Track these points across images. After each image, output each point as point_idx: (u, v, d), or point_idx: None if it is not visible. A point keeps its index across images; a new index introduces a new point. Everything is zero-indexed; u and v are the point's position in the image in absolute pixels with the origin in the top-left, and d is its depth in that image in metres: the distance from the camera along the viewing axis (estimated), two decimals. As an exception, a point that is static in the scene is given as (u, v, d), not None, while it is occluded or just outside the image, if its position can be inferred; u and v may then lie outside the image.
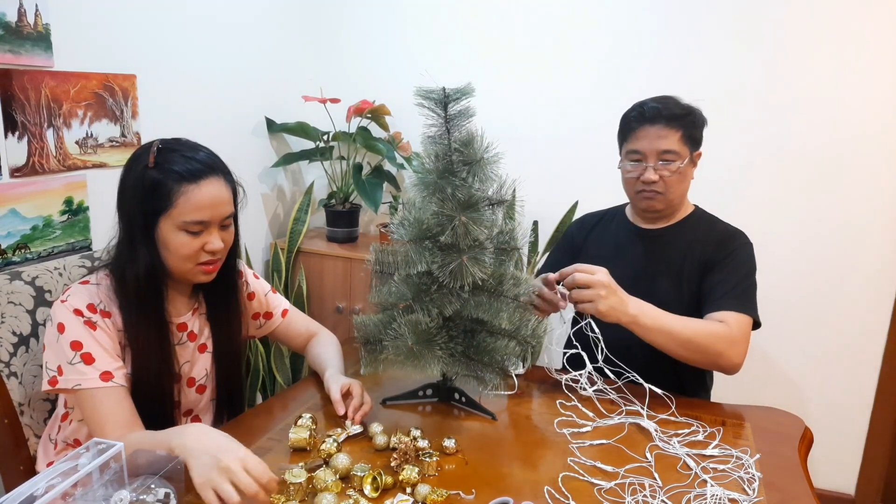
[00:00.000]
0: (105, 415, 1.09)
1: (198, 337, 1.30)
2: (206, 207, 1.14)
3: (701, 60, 2.19)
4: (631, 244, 1.63)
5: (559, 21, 2.33)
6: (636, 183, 1.54)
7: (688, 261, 1.53)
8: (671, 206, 1.55)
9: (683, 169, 1.50)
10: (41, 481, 0.82)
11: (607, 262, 1.40)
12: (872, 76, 2.04)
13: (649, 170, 1.50)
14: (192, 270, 1.18)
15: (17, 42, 1.51)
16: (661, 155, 1.49)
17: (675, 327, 1.34)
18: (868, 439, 2.22)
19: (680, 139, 1.49)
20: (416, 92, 1.12)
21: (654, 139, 1.49)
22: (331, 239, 2.50)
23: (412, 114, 1.17)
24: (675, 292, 1.52)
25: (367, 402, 1.25)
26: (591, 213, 1.80)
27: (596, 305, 1.30)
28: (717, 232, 1.56)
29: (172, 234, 1.14)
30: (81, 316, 1.12)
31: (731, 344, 1.36)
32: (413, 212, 1.16)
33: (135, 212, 1.14)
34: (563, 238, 1.83)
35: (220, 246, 1.18)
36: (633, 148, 1.52)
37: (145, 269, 1.15)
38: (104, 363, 1.11)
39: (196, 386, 1.30)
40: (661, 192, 1.52)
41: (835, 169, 2.12)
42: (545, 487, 1.04)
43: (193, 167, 1.13)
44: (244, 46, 2.28)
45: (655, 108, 1.50)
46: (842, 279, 2.16)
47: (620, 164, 1.59)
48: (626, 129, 1.57)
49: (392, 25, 2.56)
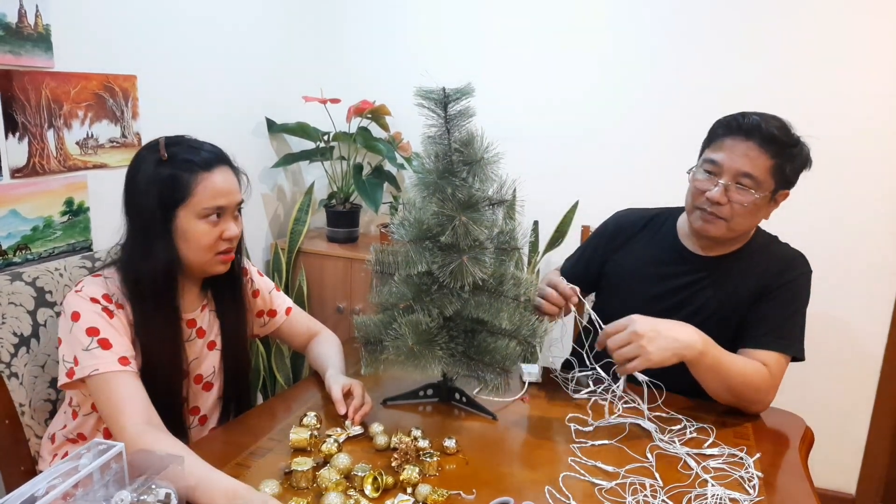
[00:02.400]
0: (123, 399, 1.08)
1: (206, 333, 1.31)
2: (223, 193, 1.18)
3: (702, 60, 2.19)
4: (676, 268, 1.44)
5: (560, 21, 2.33)
6: (699, 197, 1.34)
7: (738, 295, 1.37)
8: (729, 238, 1.37)
9: (759, 203, 1.30)
10: (42, 482, 0.82)
11: (644, 283, 1.32)
12: (872, 76, 2.03)
13: (719, 188, 1.29)
14: (211, 261, 1.21)
15: (18, 43, 1.51)
16: (739, 177, 1.29)
17: (732, 372, 1.23)
18: (868, 439, 2.22)
19: (769, 168, 1.28)
20: (416, 92, 1.12)
21: (739, 156, 1.29)
22: (331, 239, 2.50)
23: (412, 114, 1.17)
24: (718, 329, 1.33)
25: (368, 402, 1.25)
26: (634, 210, 1.61)
27: (646, 358, 1.15)
28: (775, 259, 1.39)
29: (192, 224, 1.17)
30: (98, 304, 1.14)
31: (767, 392, 1.28)
32: (413, 212, 1.17)
33: (151, 207, 1.16)
34: (597, 235, 1.63)
35: (237, 231, 1.22)
36: (712, 157, 1.32)
37: (164, 264, 1.16)
38: (122, 348, 1.12)
39: (203, 383, 1.31)
40: (723, 219, 1.32)
41: (835, 169, 2.12)
42: (546, 487, 1.04)
43: (204, 157, 1.18)
44: (244, 47, 2.28)
45: (755, 123, 1.29)
46: (842, 279, 2.16)
47: (692, 169, 1.39)
48: (713, 135, 1.37)
49: (392, 26, 2.56)
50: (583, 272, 1.60)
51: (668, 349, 1.16)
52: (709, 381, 1.27)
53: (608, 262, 1.58)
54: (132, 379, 1.11)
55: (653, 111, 2.28)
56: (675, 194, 1.67)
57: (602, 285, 1.60)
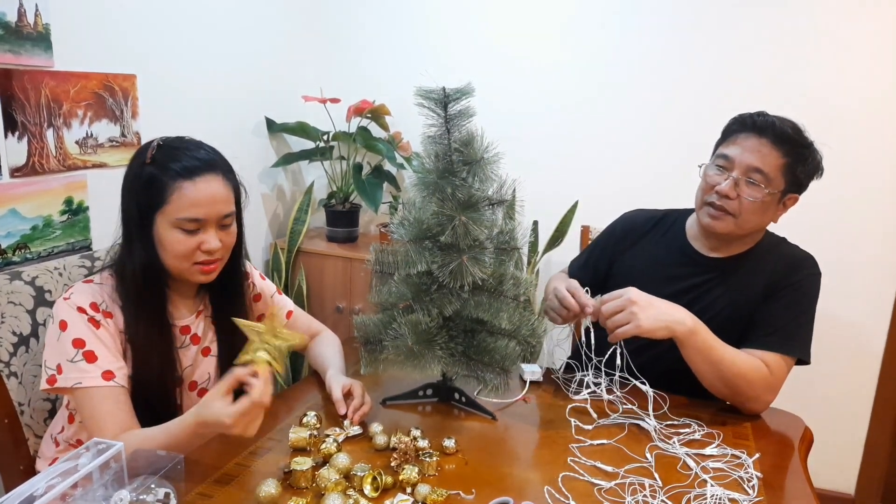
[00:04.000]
0: (104, 414, 1.08)
1: (201, 340, 1.29)
2: (201, 205, 1.12)
3: (703, 61, 2.19)
4: (684, 269, 1.44)
5: (560, 21, 2.33)
6: (709, 191, 1.35)
7: (747, 295, 1.37)
8: (736, 235, 1.37)
9: (767, 200, 1.30)
10: (41, 481, 0.82)
11: (653, 284, 1.29)
12: (873, 76, 2.04)
13: (729, 180, 1.30)
14: (189, 269, 1.16)
15: (17, 42, 1.51)
16: (749, 172, 1.30)
17: (724, 359, 1.23)
18: (868, 439, 2.22)
19: (780, 166, 1.30)
20: (416, 92, 1.12)
21: (751, 151, 1.30)
22: (331, 239, 2.50)
23: (412, 114, 1.17)
24: (726, 329, 1.34)
25: (367, 402, 1.25)
26: (643, 211, 1.62)
27: (636, 324, 1.17)
28: (783, 259, 1.40)
29: (167, 231, 1.12)
30: (85, 314, 1.12)
31: (766, 390, 1.27)
32: (413, 212, 1.16)
33: (131, 208, 1.14)
34: (606, 235, 1.63)
35: (217, 246, 1.15)
36: (724, 152, 1.34)
37: (142, 266, 1.14)
38: (106, 362, 1.11)
39: (198, 390, 1.30)
40: (731, 214, 1.32)
41: (835, 169, 2.11)
42: (545, 487, 1.04)
43: (190, 164, 1.12)
44: (244, 46, 2.28)
45: (769, 121, 1.32)
46: (842, 279, 2.16)
47: (704, 164, 1.40)
48: (727, 132, 1.39)
49: (392, 25, 2.56)
50: (591, 274, 1.60)
51: (659, 320, 1.18)
52: (699, 365, 1.26)
53: (616, 262, 1.57)
54: (115, 393, 1.10)
55: (653, 112, 2.28)
56: (674, 194, 1.67)
57: (609, 286, 1.59)
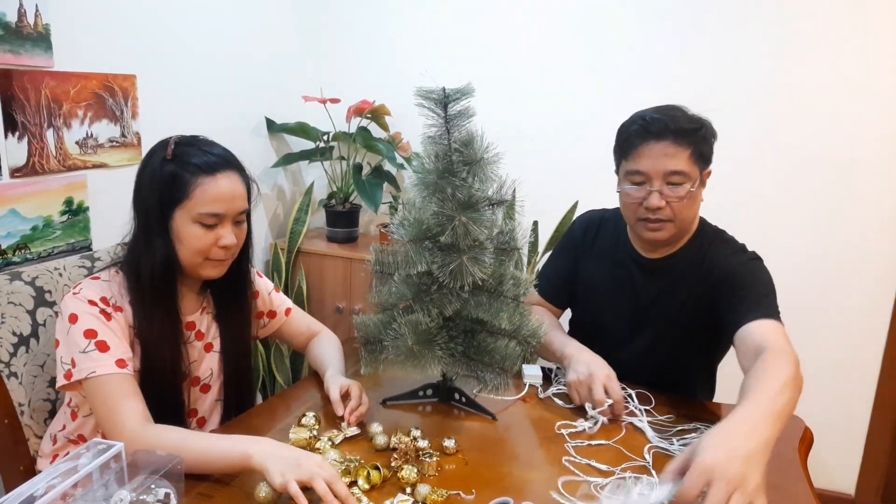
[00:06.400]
0: (121, 399, 1.08)
1: (204, 336, 1.31)
2: (222, 200, 1.16)
3: (704, 62, 2.19)
4: (632, 274, 1.46)
5: (560, 20, 2.33)
6: (638, 209, 1.34)
7: (700, 286, 1.37)
8: (680, 234, 1.38)
9: (693, 191, 1.31)
10: (41, 481, 0.82)
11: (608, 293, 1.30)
12: (874, 79, 2.03)
13: (654, 195, 1.30)
14: (202, 264, 1.20)
15: (17, 42, 1.51)
16: (668, 177, 1.30)
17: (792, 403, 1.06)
18: (868, 439, 2.22)
19: (689, 158, 1.30)
20: (416, 92, 1.12)
21: (660, 158, 1.29)
22: (331, 239, 2.50)
23: (412, 114, 1.17)
24: (690, 322, 1.37)
25: (365, 403, 1.25)
26: (592, 212, 1.63)
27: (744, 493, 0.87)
28: (727, 246, 1.40)
29: (187, 226, 1.16)
30: (96, 306, 1.13)
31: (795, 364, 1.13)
32: (413, 212, 1.16)
33: (152, 204, 1.16)
34: (566, 241, 1.64)
35: (234, 241, 1.20)
36: (635, 168, 1.33)
37: (161, 261, 1.16)
38: (118, 351, 1.12)
39: (200, 385, 1.31)
40: (668, 220, 1.33)
41: (835, 171, 2.12)
42: (545, 487, 1.04)
43: (210, 160, 1.17)
44: (244, 46, 2.28)
45: (661, 122, 1.30)
46: (842, 279, 2.16)
47: (619, 186, 1.39)
48: (627, 146, 1.35)
49: (392, 26, 2.56)
50: (561, 287, 1.60)
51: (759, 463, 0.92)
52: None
53: (580, 267, 1.56)
54: (129, 381, 1.11)
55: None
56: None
57: (576, 298, 1.60)
